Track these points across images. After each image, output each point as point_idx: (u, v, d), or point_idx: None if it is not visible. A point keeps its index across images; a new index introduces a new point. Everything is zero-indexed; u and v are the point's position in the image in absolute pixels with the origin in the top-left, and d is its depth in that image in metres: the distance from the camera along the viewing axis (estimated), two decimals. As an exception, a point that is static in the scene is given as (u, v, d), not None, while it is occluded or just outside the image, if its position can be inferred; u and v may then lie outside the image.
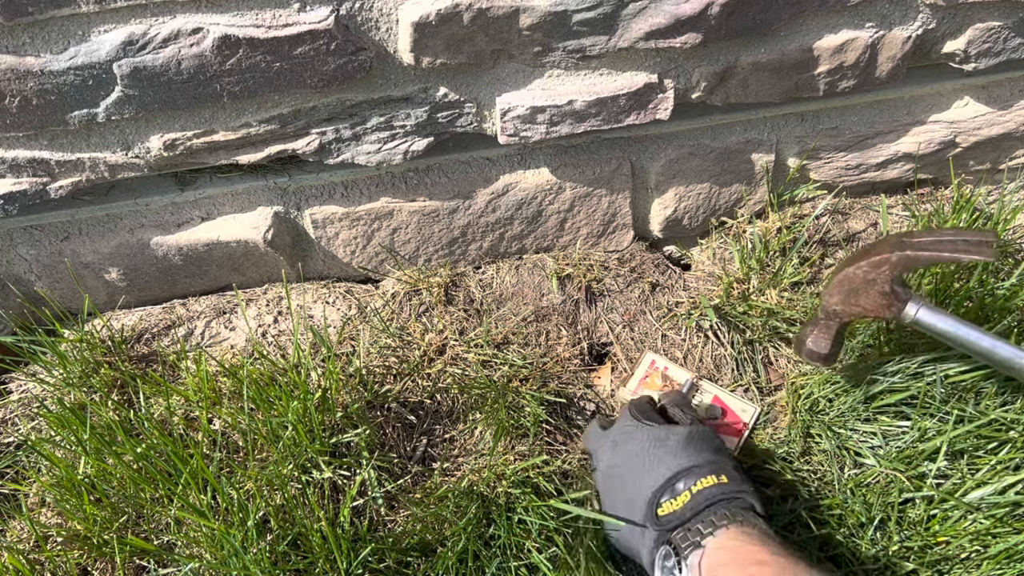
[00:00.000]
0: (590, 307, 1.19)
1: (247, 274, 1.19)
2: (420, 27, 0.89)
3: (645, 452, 0.86)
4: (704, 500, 0.78)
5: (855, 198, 1.29)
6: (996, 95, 1.18)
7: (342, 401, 0.99)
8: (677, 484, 0.81)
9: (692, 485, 0.80)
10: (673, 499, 0.80)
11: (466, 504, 0.91)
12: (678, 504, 0.79)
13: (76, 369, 1.06)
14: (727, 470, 0.82)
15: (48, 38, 0.85)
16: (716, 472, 0.81)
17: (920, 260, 0.86)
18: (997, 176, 1.30)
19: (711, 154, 1.16)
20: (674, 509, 0.79)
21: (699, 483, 0.80)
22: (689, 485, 0.80)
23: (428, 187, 1.13)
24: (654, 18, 0.92)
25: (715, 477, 0.80)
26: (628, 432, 0.90)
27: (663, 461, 0.83)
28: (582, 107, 1.00)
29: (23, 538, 0.96)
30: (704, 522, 0.77)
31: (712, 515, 0.77)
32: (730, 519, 0.76)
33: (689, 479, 0.80)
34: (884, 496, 0.93)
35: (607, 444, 0.91)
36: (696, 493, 0.79)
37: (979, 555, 0.88)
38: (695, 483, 0.80)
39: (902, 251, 0.86)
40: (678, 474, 0.81)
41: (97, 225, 1.10)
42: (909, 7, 1.02)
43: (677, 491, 0.80)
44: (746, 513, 0.77)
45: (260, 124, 0.97)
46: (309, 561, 0.87)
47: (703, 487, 0.79)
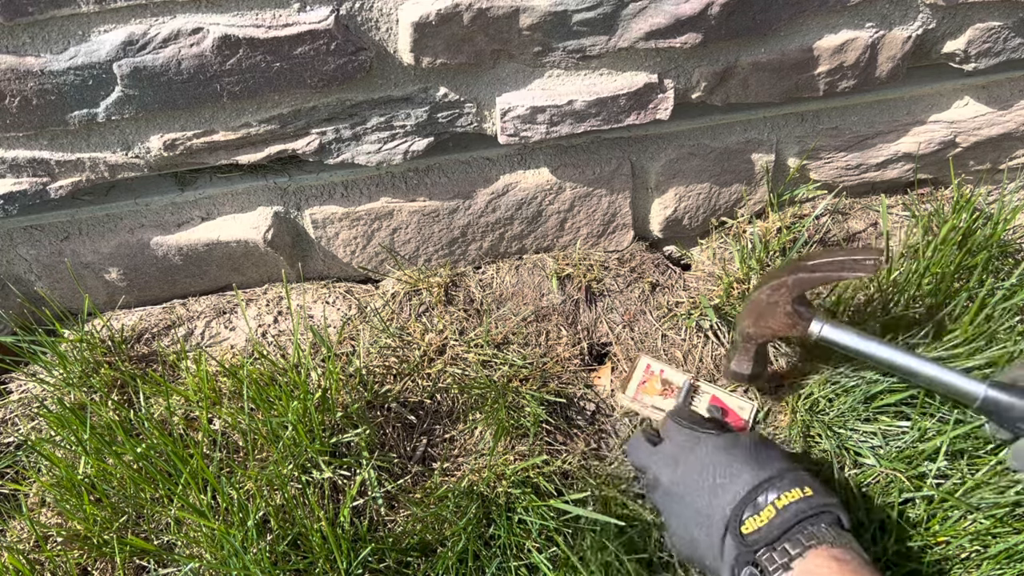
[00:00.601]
0: (590, 307, 1.19)
1: (247, 274, 1.19)
2: (420, 27, 0.89)
3: (714, 464, 0.83)
4: (792, 517, 0.75)
5: (855, 198, 1.29)
6: (996, 95, 1.18)
7: (342, 401, 0.99)
8: (758, 498, 0.77)
9: (776, 499, 0.76)
10: (756, 515, 0.76)
11: (466, 504, 0.91)
12: (763, 520, 0.76)
13: (76, 369, 1.06)
14: (808, 480, 0.79)
15: (48, 38, 0.85)
16: (800, 484, 0.77)
17: (813, 281, 0.91)
18: (997, 176, 1.30)
19: (711, 154, 1.16)
20: (759, 526, 0.76)
21: (784, 496, 0.76)
22: (772, 499, 0.76)
23: (428, 187, 1.13)
24: (654, 18, 0.92)
25: (799, 490, 0.77)
26: (688, 445, 0.87)
27: (737, 473, 0.80)
28: (582, 107, 1.00)
29: (23, 538, 0.96)
30: (792, 541, 0.73)
31: (800, 534, 0.73)
32: (819, 539, 0.73)
33: (771, 492, 0.77)
34: (884, 496, 0.93)
35: (665, 460, 0.88)
36: (782, 508, 0.75)
37: (979, 555, 0.88)
38: (779, 496, 0.76)
39: (796, 274, 0.91)
40: (757, 487, 0.78)
41: (97, 225, 1.10)
42: (909, 7, 1.02)
43: (759, 505, 0.77)
44: (835, 530, 0.74)
45: (260, 124, 0.97)
46: (309, 561, 0.87)
47: (789, 501, 0.76)
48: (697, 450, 0.85)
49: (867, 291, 1.10)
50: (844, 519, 0.76)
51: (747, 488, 0.78)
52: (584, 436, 1.06)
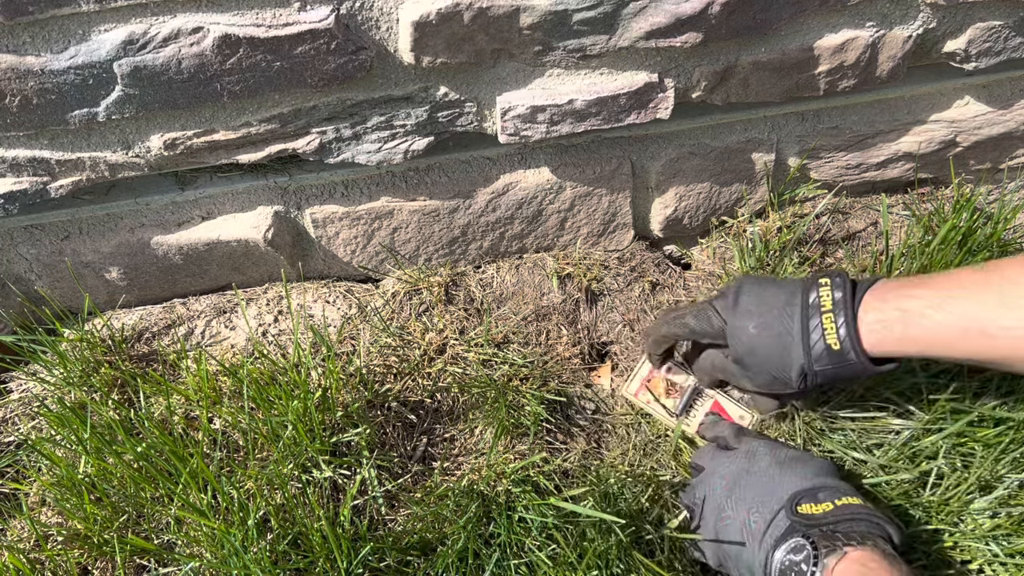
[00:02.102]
0: (590, 306, 1.19)
1: (247, 273, 1.19)
2: (420, 26, 0.89)
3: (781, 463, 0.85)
4: (848, 514, 0.76)
5: (855, 197, 1.29)
6: (997, 94, 1.18)
7: (342, 400, 1.00)
8: (819, 494, 0.79)
9: (835, 499, 0.78)
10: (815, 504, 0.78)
11: (466, 503, 0.91)
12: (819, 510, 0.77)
13: (76, 368, 1.06)
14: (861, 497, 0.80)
15: (48, 37, 0.85)
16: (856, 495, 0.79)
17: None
18: (997, 176, 1.30)
19: (711, 153, 1.16)
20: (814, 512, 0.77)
21: (843, 499, 0.78)
22: (831, 498, 0.78)
23: (428, 186, 1.13)
24: (654, 17, 0.92)
25: (858, 499, 0.78)
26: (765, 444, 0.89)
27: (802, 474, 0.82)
28: (582, 106, 1.00)
29: (23, 537, 0.96)
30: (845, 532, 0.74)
31: (854, 529, 0.74)
32: (871, 540, 0.73)
33: (830, 494, 0.79)
34: (885, 496, 0.93)
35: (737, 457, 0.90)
36: (841, 506, 0.77)
37: (982, 556, 0.88)
38: (838, 498, 0.78)
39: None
40: (819, 488, 0.80)
41: (97, 224, 1.10)
42: (909, 6, 1.02)
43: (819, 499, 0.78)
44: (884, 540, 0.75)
45: (260, 123, 0.97)
46: (309, 560, 0.87)
47: (847, 503, 0.77)
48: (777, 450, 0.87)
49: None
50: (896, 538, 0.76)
51: (809, 484, 0.80)
52: (584, 435, 1.06)
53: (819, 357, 0.81)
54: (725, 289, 0.92)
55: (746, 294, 0.88)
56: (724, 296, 0.91)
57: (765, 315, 0.85)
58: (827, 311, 0.80)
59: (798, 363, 0.82)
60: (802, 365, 0.82)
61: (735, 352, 0.89)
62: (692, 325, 0.93)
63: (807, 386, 0.85)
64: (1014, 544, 0.87)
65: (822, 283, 0.82)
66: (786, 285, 0.86)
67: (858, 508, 0.76)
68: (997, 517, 0.89)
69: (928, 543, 0.90)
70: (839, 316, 0.79)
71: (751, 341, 0.86)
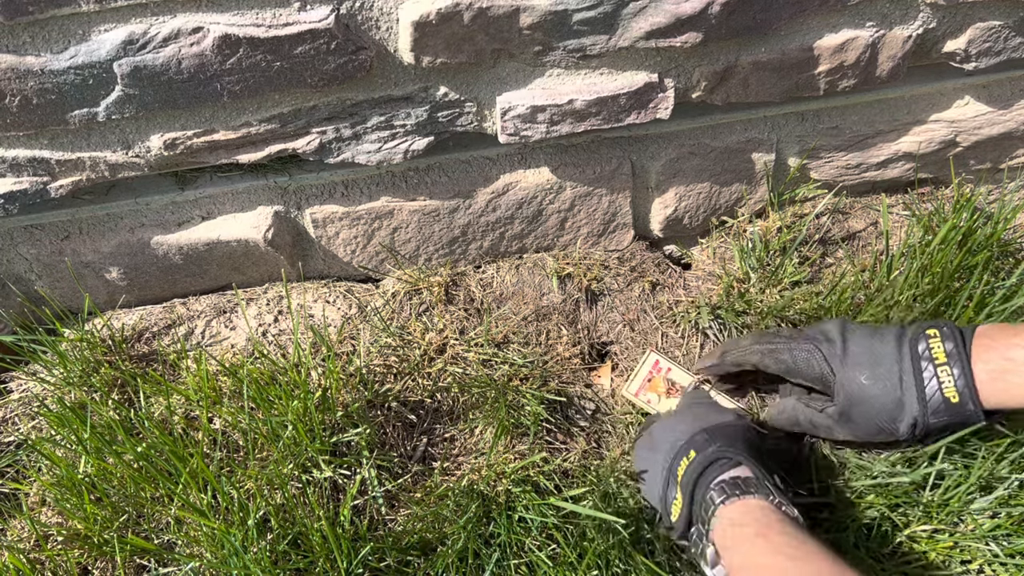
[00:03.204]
0: (590, 306, 1.19)
1: (247, 273, 1.19)
2: (420, 26, 0.89)
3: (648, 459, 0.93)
4: (687, 486, 0.81)
5: (855, 197, 1.29)
6: (997, 94, 1.18)
7: (342, 400, 1.00)
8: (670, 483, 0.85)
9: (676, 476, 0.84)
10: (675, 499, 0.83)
11: (466, 503, 0.91)
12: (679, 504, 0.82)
13: (76, 368, 1.06)
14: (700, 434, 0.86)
15: (48, 37, 0.85)
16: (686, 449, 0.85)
17: None
18: (997, 175, 1.30)
19: (711, 153, 1.16)
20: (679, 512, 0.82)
21: (679, 471, 0.84)
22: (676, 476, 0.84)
23: (428, 186, 1.13)
24: (654, 17, 0.92)
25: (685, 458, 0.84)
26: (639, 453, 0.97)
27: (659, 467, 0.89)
28: (582, 106, 1.00)
29: (23, 537, 0.96)
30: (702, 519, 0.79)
31: (701, 506, 0.79)
32: (717, 501, 0.77)
33: (675, 468, 0.85)
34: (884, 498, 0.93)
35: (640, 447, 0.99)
36: (681, 483, 0.83)
37: (981, 556, 0.88)
38: (677, 472, 0.84)
39: None
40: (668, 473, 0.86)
41: (97, 224, 1.10)
42: (909, 6, 1.02)
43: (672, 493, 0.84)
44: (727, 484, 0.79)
45: (260, 123, 0.97)
46: (309, 560, 0.87)
47: (681, 474, 0.83)
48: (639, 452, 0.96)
49: (867, 290, 1.10)
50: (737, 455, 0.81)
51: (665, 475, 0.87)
52: (584, 435, 1.06)
53: (936, 410, 0.81)
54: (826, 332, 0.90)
55: (855, 343, 0.87)
56: (830, 342, 0.89)
57: (876, 367, 0.84)
58: (941, 363, 0.80)
59: (911, 415, 0.82)
60: (915, 417, 0.82)
61: (842, 403, 0.87)
62: (791, 364, 0.91)
63: (914, 436, 0.85)
64: (1014, 544, 0.87)
65: (930, 333, 0.82)
66: (890, 332, 0.86)
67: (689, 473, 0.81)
68: (997, 517, 0.88)
69: (929, 543, 0.90)
70: (955, 367, 0.79)
71: (862, 392, 0.85)
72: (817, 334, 0.91)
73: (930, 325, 0.84)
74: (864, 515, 0.92)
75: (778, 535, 0.71)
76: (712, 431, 0.86)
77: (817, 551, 0.69)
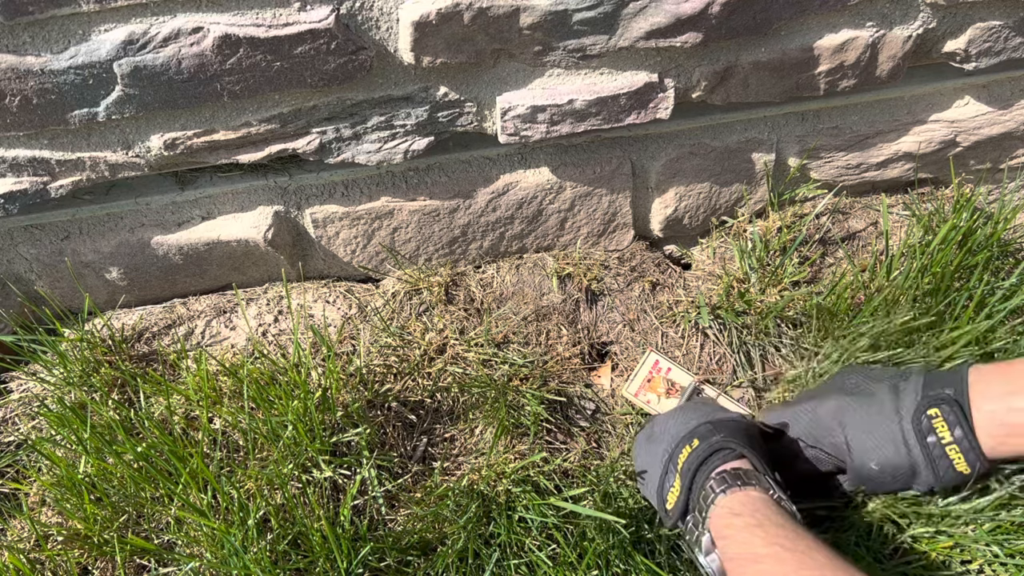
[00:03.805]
0: (590, 306, 1.19)
1: (247, 273, 1.19)
2: (420, 26, 0.89)
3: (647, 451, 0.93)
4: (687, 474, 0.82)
5: (855, 197, 1.29)
6: (997, 94, 1.18)
7: (342, 400, 1.00)
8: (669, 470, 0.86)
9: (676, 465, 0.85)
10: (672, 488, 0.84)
11: (466, 503, 0.91)
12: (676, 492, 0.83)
13: (76, 368, 1.06)
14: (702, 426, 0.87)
15: (48, 37, 0.85)
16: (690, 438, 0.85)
17: None
18: (997, 175, 1.30)
19: (711, 153, 1.16)
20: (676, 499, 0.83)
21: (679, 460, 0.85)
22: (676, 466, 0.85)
23: (428, 186, 1.13)
24: (654, 17, 0.92)
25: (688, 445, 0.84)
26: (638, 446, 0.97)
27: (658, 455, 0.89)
28: (582, 106, 1.00)
29: (23, 537, 0.96)
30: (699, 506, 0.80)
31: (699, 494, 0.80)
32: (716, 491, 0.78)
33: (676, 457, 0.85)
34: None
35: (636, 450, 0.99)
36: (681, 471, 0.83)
37: (982, 556, 0.88)
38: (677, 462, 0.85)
39: None
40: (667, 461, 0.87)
41: (97, 224, 1.10)
42: (910, 6, 1.02)
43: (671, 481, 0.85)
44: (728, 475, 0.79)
45: (260, 123, 0.97)
46: (309, 560, 0.87)
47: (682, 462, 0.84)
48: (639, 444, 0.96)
49: (867, 290, 1.10)
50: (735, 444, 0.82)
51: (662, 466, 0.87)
52: (584, 435, 1.06)
53: (949, 482, 0.83)
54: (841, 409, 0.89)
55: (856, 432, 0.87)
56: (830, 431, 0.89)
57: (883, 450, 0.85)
58: (949, 443, 0.81)
59: (927, 484, 0.84)
60: (931, 486, 0.84)
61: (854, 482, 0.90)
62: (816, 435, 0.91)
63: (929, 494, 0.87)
64: (1014, 544, 0.87)
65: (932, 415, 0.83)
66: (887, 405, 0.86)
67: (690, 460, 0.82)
68: (998, 518, 0.88)
69: (929, 544, 0.90)
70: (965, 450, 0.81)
71: (872, 475, 0.87)
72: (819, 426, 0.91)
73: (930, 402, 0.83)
74: (865, 516, 0.92)
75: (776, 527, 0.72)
76: (716, 423, 0.87)
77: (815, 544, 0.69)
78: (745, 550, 0.72)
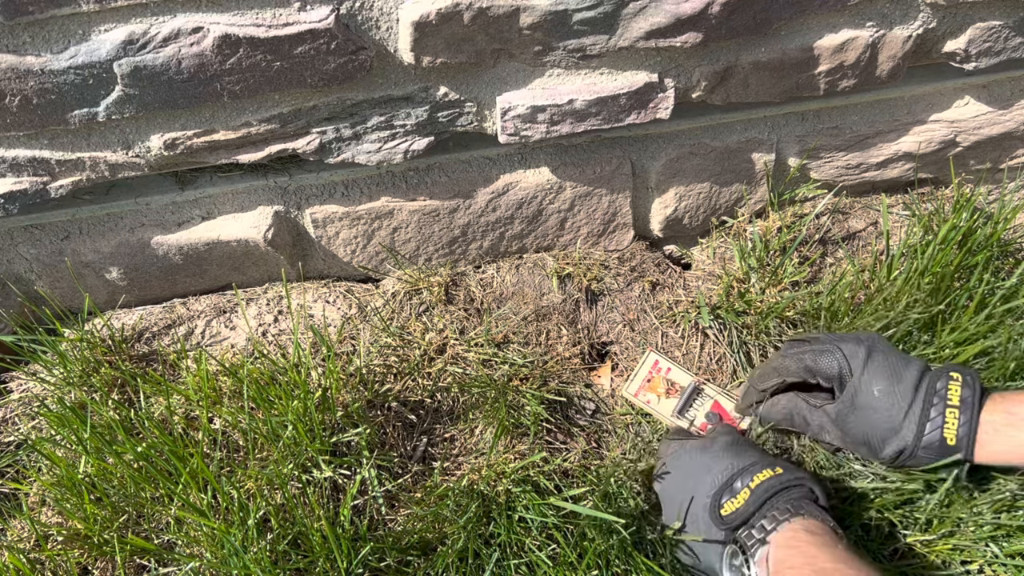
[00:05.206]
0: (590, 306, 1.19)
1: (247, 273, 1.19)
2: (420, 26, 0.89)
3: (695, 462, 0.88)
4: (764, 493, 0.79)
5: (855, 197, 1.29)
6: (997, 94, 1.18)
7: (342, 400, 1.00)
8: (735, 483, 0.82)
9: (750, 481, 0.81)
10: (733, 498, 0.81)
11: (466, 503, 0.91)
12: (739, 502, 0.80)
13: (76, 368, 1.06)
14: (780, 462, 0.83)
15: (48, 37, 0.85)
16: (770, 466, 0.82)
17: None
18: (997, 175, 1.30)
19: (711, 153, 1.16)
20: (736, 507, 0.80)
21: (756, 478, 0.81)
22: (747, 482, 0.81)
23: (428, 186, 1.13)
24: (654, 17, 0.92)
25: (770, 470, 0.81)
26: (675, 453, 0.93)
27: (715, 464, 0.86)
28: (582, 106, 1.00)
29: (23, 537, 0.96)
30: (767, 517, 0.77)
31: (774, 509, 0.78)
32: (793, 512, 0.77)
33: (745, 477, 0.82)
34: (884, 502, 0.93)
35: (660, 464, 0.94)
36: (755, 488, 0.80)
37: (982, 557, 0.88)
38: (752, 479, 0.81)
39: None
40: (735, 474, 0.83)
41: (97, 224, 1.10)
42: (910, 6, 1.02)
43: (736, 490, 0.82)
44: (808, 505, 0.78)
45: (260, 123, 0.97)
46: (309, 560, 0.87)
47: (761, 481, 0.80)
48: (682, 453, 0.91)
49: (867, 290, 1.10)
50: (818, 493, 0.80)
51: (724, 477, 0.83)
52: (584, 435, 1.06)
53: (928, 445, 0.82)
54: (855, 338, 0.91)
55: (880, 353, 0.87)
56: (856, 343, 0.89)
57: (894, 385, 0.85)
58: (952, 405, 0.81)
59: (903, 442, 0.83)
60: (906, 446, 0.83)
61: (846, 405, 0.88)
62: (811, 365, 0.92)
63: (896, 464, 0.86)
64: (1013, 545, 0.87)
65: (953, 376, 0.83)
66: (917, 362, 0.87)
67: (770, 481, 0.80)
68: (998, 519, 0.88)
69: (929, 544, 0.90)
70: (964, 413, 0.80)
71: (869, 401, 0.85)
72: (846, 338, 0.91)
73: (957, 369, 0.84)
74: (864, 515, 0.92)
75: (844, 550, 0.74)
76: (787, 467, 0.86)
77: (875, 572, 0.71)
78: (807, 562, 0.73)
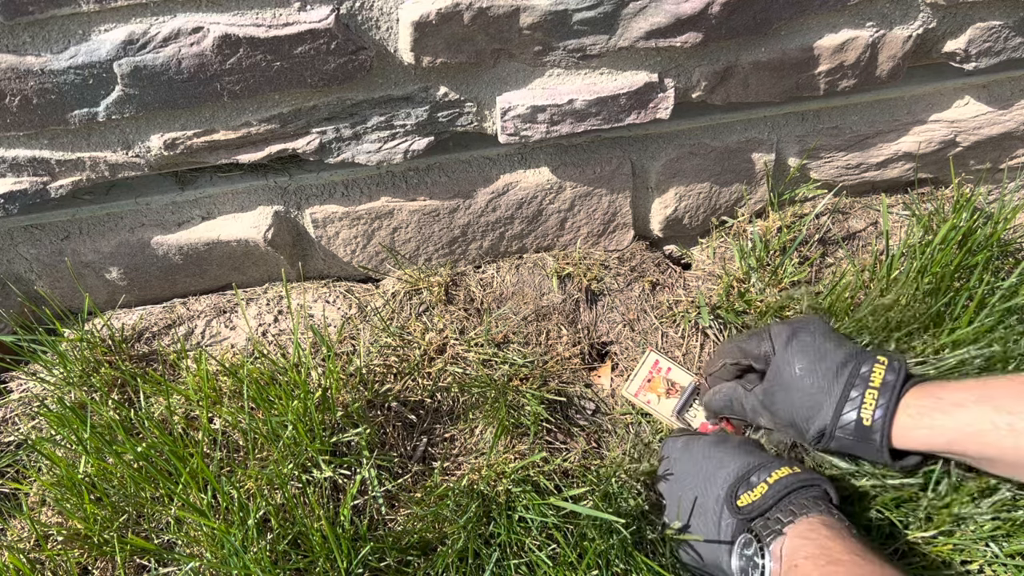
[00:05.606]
0: (590, 306, 1.19)
1: (247, 273, 1.19)
2: (420, 26, 0.89)
3: (708, 455, 0.89)
4: (783, 488, 0.80)
5: (855, 197, 1.29)
6: (997, 94, 1.18)
7: (342, 400, 1.00)
8: (751, 478, 0.83)
9: (767, 477, 0.82)
10: (750, 491, 0.82)
11: (466, 502, 0.91)
12: (756, 495, 0.81)
13: (76, 368, 1.06)
14: (795, 464, 0.84)
15: (48, 37, 0.85)
16: (788, 464, 0.83)
17: None
18: (997, 175, 1.30)
19: (711, 153, 1.16)
20: (753, 500, 0.81)
21: (774, 474, 0.82)
22: (764, 477, 0.82)
23: (428, 186, 1.13)
24: (654, 17, 0.92)
25: (788, 468, 0.82)
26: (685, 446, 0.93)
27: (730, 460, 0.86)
28: (582, 106, 1.00)
29: (23, 537, 0.96)
30: (784, 511, 0.78)
31: (791, 504, 0.78)
32: (809, 508, 0.77)
33: (763, 472, 0.83)
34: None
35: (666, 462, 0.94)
36: (773, 483, 0.81)
37: (981, 557, 0.88)
38: (770, 475, 0.82)
39: None
40: (751, 470, 0.83)
41: (97, 224, 1.10)
42: (910, 6, 1.02)
43: (752, 484, 0.82)
44: (824, 503, 0.79)
45: (260, 123, 0.97)
46: (309, 560, 0.87)
47: (779, 477, 0.81)
48: (693, 447, 0.92)
49: (867, 290, 1.10)
50: (832, 494, 0.81)
51: (741, 471, 0.84)
52: (584, 435, 1.06)
53: (845, 425, 0.83)
54: (788, 321, 0.93)
55: (807, 334, 0.89)
56: (786, 326, 0.92)
57: (816, 364, 0.86)
58: (873, 387, 0.82)
59: (823, 422, 0.84)
60: (825, 426, 0.84)
61: (770, 384, 0.89)
62: (743, 346, 0.94)
63: (820, 446, 0.87)
64: (1013, 545, 0.87)
65: (879, 359, 0.84)
66: (845, 346, 0.88)
67: (789, 479, 0.80)
68: (998, 519, 0.88)
69: (929, 544, 0.90)
70: (882, 397, 0.81)
71: (791, 380, 0.87)
72: (781, 322, 0.94)
73: (884, 353, 0.86)
74: (864, 515, 0.92)
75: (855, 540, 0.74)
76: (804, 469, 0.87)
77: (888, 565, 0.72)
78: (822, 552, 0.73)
